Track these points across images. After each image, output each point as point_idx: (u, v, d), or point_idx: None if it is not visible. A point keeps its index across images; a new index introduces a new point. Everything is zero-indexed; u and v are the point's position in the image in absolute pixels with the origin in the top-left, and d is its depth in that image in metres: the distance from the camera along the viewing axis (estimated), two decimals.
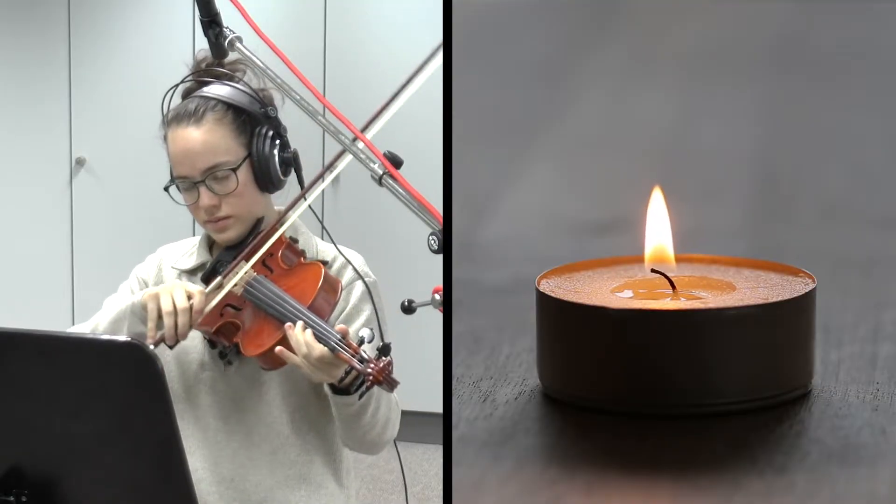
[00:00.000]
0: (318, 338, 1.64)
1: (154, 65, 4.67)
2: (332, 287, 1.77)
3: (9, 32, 4.84)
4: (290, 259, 1.81)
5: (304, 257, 1.83)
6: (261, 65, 1.62)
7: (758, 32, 2.36)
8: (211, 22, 1.64)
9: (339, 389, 1.72)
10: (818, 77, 2.21)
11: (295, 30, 4.50)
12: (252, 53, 1.63)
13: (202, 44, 1.70)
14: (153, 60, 4.67)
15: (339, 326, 1.65)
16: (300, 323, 1.66)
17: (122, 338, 1.55)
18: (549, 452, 1.36)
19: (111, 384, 1.34)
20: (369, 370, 1.58)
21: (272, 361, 1.74)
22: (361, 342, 1.62)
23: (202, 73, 1.88)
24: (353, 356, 1.60)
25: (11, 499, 1.36)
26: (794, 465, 1.32)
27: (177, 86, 1.89)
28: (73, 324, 4.87)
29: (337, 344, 1.62)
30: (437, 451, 4.16)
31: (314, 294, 1.73)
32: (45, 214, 4.88)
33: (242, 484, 1.85)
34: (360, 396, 1.67)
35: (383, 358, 1.60)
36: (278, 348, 1.68)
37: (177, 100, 1.89)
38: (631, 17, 2.44)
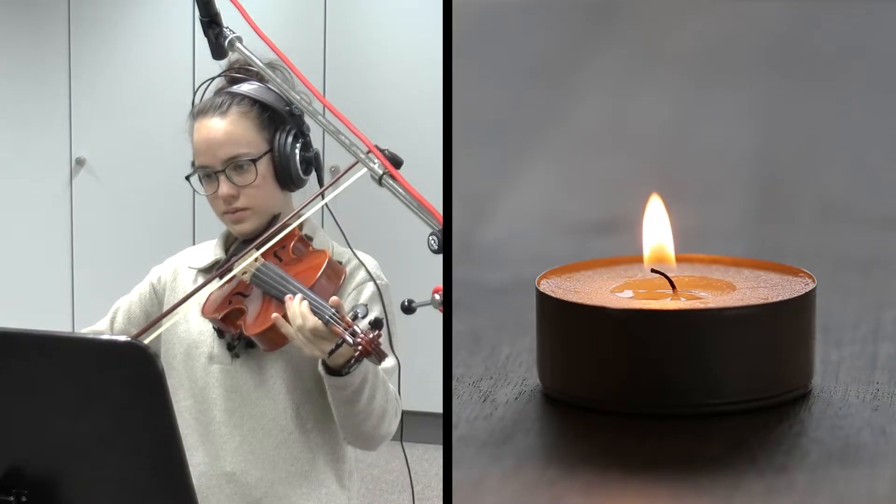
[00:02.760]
0: (314, 311, 1.67)
1: (154, 64, 4.67)
2: (335, 272, 1.81)
3: (9, 32, 4.84)
4: (299, 250, 1.85)
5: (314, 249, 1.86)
6: (261, 65, 1.63)
7: (758, 32, 2.36)
8: (211, 22, 1.65)
9: (333, 371, 1.72)
10: (818, 77, 2.21)
11: (295, 30, 4.50)
12: (252, 53, 1.63)
13: (202, 44, 1.70)
14: (153, 60, 4.67)
15: (334, 299, 1.68)
16: (299, 296, 1.70)
17: (122, 338, 1.56)
18: (549, 452, 1.36)
19: (111, 384, 1.34)
20: (358, 340, 1.61)
21: (272, 341, 1.77)
22: (355, 317, 1.64)
23: (234, 72, 1.90)
24: (345, 330, 1.62)
25: (11, 499, 1.36)
26: (794, 465, 1.33)
27: (211, 80, 1.93)
28: (73, 323, 4.87)
29: (331, 317, 1.65)
30: (437, 451, 4.15)
31: (316, 277, 1.77)
32: (45, 214, 4.88)
33: (244, 478, 1.85)
34: (350, 369, 1.69)
35: (374, 332, 1.62)
36: (275, 315, 1.71)
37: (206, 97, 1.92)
38: (631, 18, 2.44)
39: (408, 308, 1.38)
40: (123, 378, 1.33)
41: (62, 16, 4.77)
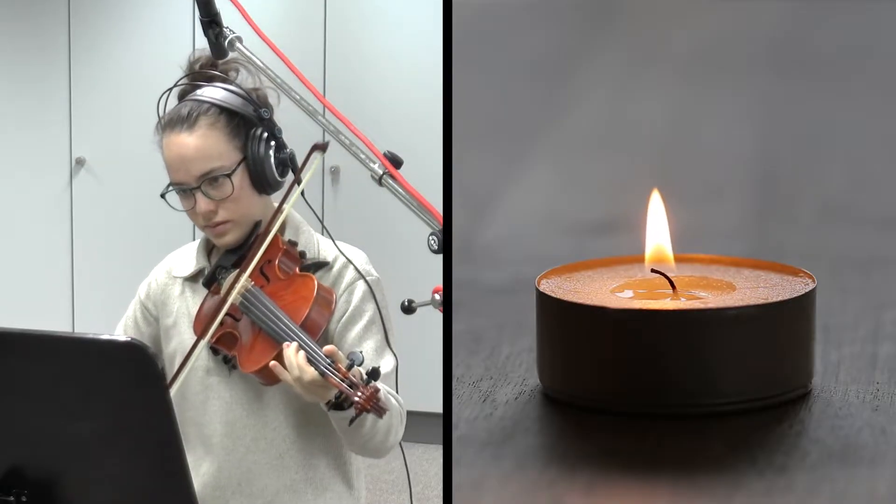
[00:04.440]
0: (309, 361, 1.64)
1: (154, 65, 4.66)
2: (325, 301, 1.78)
3: (9, 32, 4.84)
4: (287, 267, 1.81)
5: (303, 261, 1.83)
6: (260, 65, 1.62)
7: (757, 32, 2.36)
8: (211, 22, 1.64)
9: (334, 404, 1.71)
10: (818, 77, 2.21)
11: (295, 30, 4.50)
12: (252, 53, 1.63)
13: (202, 44, 1.70)
14: (153, 60, 4.67)
15: (327, 348, 1.64)
16: (294, 345, 1.67)
17: (123, 338, 1.56)
18: (549, 452, 1.36)
19: (111, 384, 1.34)
20: (357, 399, 1.58)
21: (269, 377, 1.74)
22: (351, 366, 1.61)
23: (196, 76, 1.88)
24: (342, 381, 1.60)
25: (11, 499, 1.36)
26: (794, 465, 1.33)
27: (171, 89, 1.88)
28: (73, 324, 4.87)
29: (326, 368, 1.62)
30: (437, 451, 4.15)
31: (307, 311, 1.74)
32: (45, 214, 4.88)
33: (249, 489, 1.85)
34: (351, 423, 1.66)
35: (371, 384, 1.59)
36: (273, 363, 1.69)
37: (172, 102, 1.89)
38: (631, 18, 2.44)
39: (408, 308, 1.38)
40: (123, 378, 1.33)
41: (62, 16, 4.77)
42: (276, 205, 1.88)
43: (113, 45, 4.76)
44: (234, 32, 1.65)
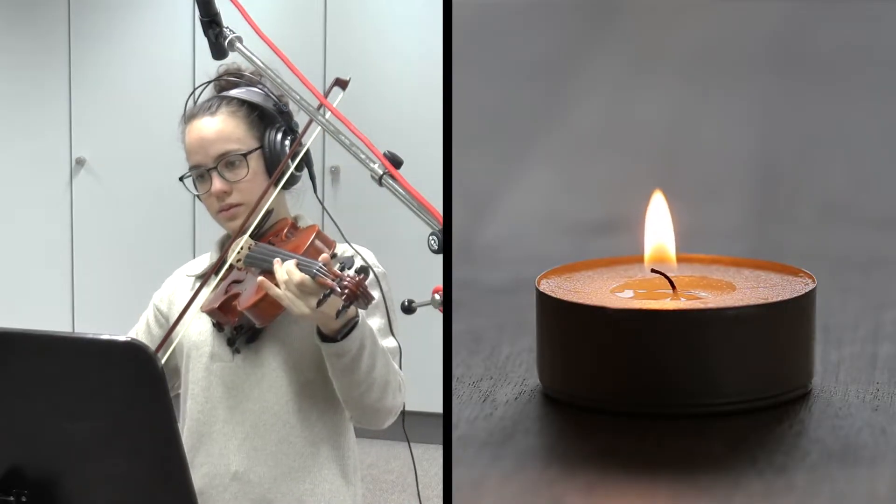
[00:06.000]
0: (301, 267, 1.68)
1: (154, 65, 4.67)
2: (324, 241, 1.83)
3: (9, 32, 4.85)
4: (292, 234, 1.88)
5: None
6: (261, 65, 1.63)
7: (758, 32, 2.36)
8: (211, 22, 1.65)
9: (328, 338, 1.73)
10: (818, 77, 2.21)
11: (295, 30, 4.50)
12: (252, 53, 1.63)
13: (202, 44, 1.70)
14: (153, 60, 4.67)
15: (323, 256, 1.69)
16: (288, 261, 1.71)
17: (122, 338, 1.56)
18: (549, 452, 1.36)
19: (111, 384, 1.34)
20: (345, 284, 1.61)
21: (264, 311, 1.77)
22: (342, 269, 1.65)
23: (225, 77, 1.94)
24: (332, 280, 1.63)
25: (11, 499, 1.36)
26: (794, 465, 1.33)
27: (204, 86, 1.95)
28: (73, 324, 4.87)
29: (318, 270, 1.66)
30: (437, 451, 4.15)
31: (306, 244, 1.79)
32: (45, 214, 4.88)
33: (247, 476, 1.86)
34: (339, 315, 1.68)
35: (360, 275, 1.63)
36: (260, 278, 1.73)
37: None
38: (631, 18, 2.44)
39: (408, 308, 1.38)
40: (123, 378, 1.33)
41: (62, 16, 4.77)
42: (288, 200, 1.95)
43: (113, 45, 4.76)
44: (234, 32, 1.65)
